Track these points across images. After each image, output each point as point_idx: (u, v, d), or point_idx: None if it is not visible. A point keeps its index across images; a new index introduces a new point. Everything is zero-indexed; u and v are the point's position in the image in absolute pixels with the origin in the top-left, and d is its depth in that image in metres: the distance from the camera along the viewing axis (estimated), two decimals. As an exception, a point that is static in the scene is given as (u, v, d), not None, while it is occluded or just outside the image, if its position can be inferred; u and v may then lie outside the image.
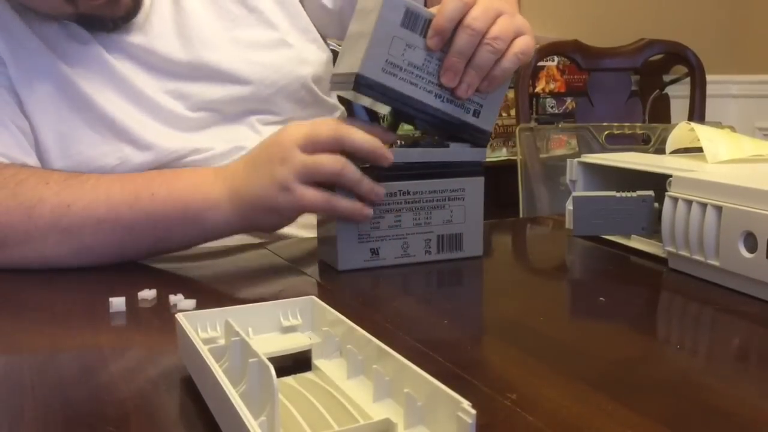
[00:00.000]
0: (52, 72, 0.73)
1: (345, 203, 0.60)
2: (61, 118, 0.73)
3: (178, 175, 0.66)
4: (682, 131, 0.79)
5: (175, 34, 0.78)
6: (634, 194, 0.68)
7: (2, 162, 0.69)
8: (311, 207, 0.62)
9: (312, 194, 0.60)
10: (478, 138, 0.65)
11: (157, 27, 0.77)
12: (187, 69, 0.78)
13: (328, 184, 0.60)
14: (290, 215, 0.63)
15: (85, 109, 0.74)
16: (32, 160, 0.72)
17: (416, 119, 0.64)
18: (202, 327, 0.42)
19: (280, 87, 0.81)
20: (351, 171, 0.59)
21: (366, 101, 0.62)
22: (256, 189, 0.61)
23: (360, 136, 0.60)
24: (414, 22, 0.60)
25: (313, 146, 0.59)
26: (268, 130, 0.79)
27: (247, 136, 0.80)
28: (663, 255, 0.65)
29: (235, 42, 0.80)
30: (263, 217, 0.63)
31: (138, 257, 0.66)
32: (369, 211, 0.61)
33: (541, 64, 2.15)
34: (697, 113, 1.60)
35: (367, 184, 0.60)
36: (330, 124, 0.60)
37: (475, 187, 0.67)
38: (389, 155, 0.61)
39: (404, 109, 0.62)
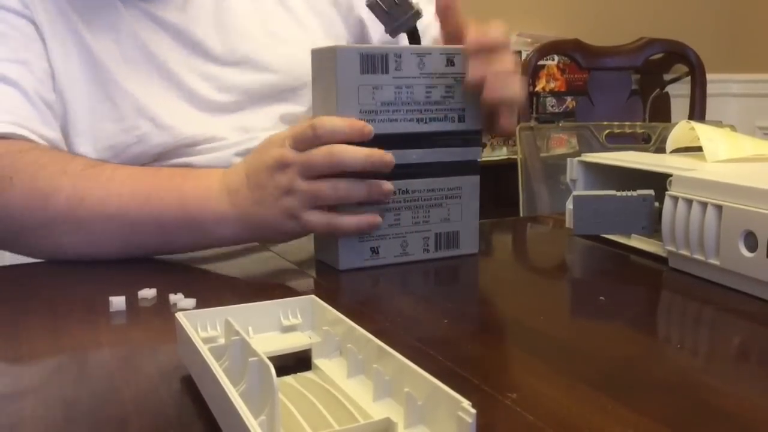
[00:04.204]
0: (83, 45, 0.76)
1: (347, 221, 0.61)
2: (90, 92, 0.76)
3: (186, 179, 0.67)
4: (682, 130, 0.79)
5: (212, 20, 0.82)
6: (634, 193, 0.68)
7: (26, 144, 0.70)
8: (314, 231, 0.64)
9: (315, 219, 0.61)
10: (470, 139, 0.66)
11: (195, 10, 0.81)
12: (220, 53, 0.81)
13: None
14: (297, 237, 0.66)
15: (110, 82, 0.76)
16: (54, 134, 0.74)
17: (407, 145, 0.64)
18: (202, 326, 0.42)
19: (306, 81, 0.84)
20: (355, 192, 0.60)
21: None
22: (265, 216, 0.63)
23: (352, 155, 0.59)
24: (372, 64, 0.60)
25: (310, 174, 0.60)
26: (284, 126, 0.82)
27: (264, 127, 0.82)
28: (663, 254, 0.65)
29: (269, 34, 0.84)
30: (271, 237, 0.67)
31: (142, 255, 0.67)
32: (375, 219, 0.62)
33: (541, 63, 2.15)
34: (697, 112, 1.60)
35: (373, 190, 0.61)
36: (321, 151, 0.60)
37: (471, 185, 0.67)
38: (388, 159, 0.60)
39: (392, 144, 0.62)
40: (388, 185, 0.61)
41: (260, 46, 0.83)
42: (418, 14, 0.65)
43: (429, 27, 0.86)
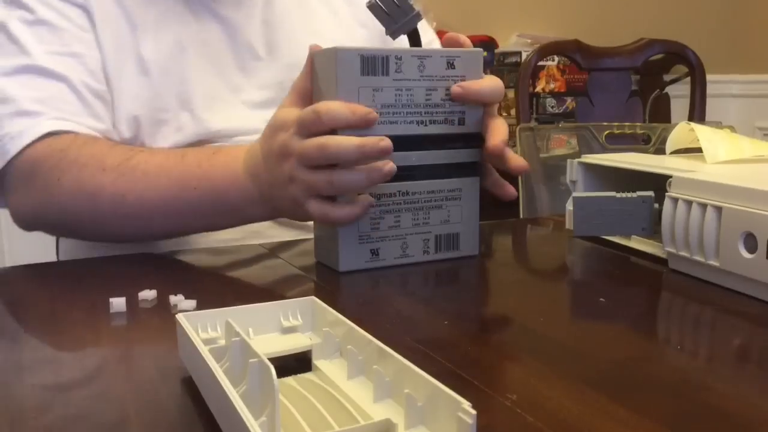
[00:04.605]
0: (134, 35, 0.78)
1: (339, 212, 0.61)
2: (136, 81, 0.78)
3: (212, 165, 0.69)
4: (682, 131, 0.79)
5: (260, 18, 0.84)
6: (634, 195, 0.68)
7: (67, 140, 0.72)
8: (312, 218, 0.65)
9: (312, 208, 0.62)
10: (470, 143, 0.66)
11: (248, 8, 0.84)
12: (264, 52, 0.84)
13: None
14: (301, 220, 0.69)
15: (156, 72, 0.78)
16: (102, 125, 0.77)
17: (407, 147, 0.63)
18: (202, 327, 0.42)
19: None
20: (353, 181, 0.60)
21: None
22: (279, 200, 0.65)
23: (344, 147, 0.58)
24: (373, 65, 0.60)
25: (307, 164, 0.60)
26: None
27: None
28: (663, 255, 0.65)
29: (313, 34, 0.85)
30: (291, 217, 0.69)
31: (193, 233, 0.75)
32: (367, 199, 0.61)
33: (541, 63, 2.15)
34: (697, 113, 1.60)
35: (374, 175, 0.59)
36: (314, 143, 0.59)
37: (471, 186, 0.67)
38: (383, 145, 0.58)
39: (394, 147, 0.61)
40: (389, 165, 0.58)
41: (303, 44, 0.84)
42: (418, 16, 0.65)
43: (431, 44, 0.89)
